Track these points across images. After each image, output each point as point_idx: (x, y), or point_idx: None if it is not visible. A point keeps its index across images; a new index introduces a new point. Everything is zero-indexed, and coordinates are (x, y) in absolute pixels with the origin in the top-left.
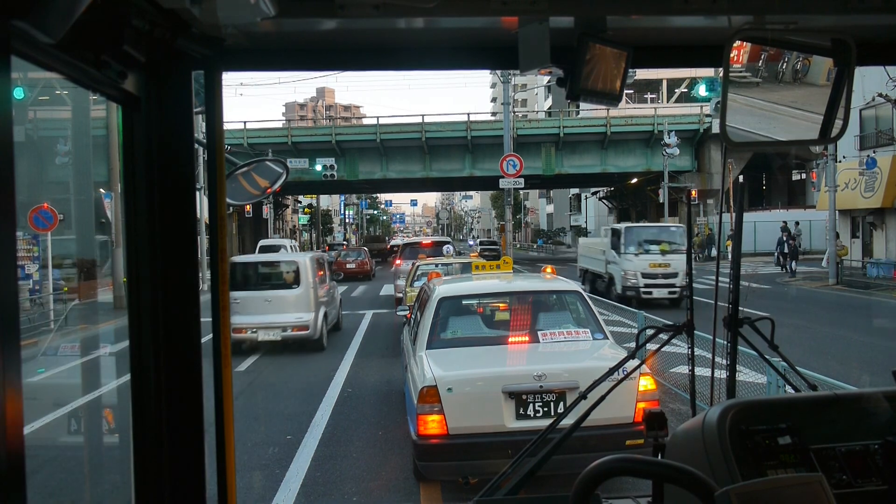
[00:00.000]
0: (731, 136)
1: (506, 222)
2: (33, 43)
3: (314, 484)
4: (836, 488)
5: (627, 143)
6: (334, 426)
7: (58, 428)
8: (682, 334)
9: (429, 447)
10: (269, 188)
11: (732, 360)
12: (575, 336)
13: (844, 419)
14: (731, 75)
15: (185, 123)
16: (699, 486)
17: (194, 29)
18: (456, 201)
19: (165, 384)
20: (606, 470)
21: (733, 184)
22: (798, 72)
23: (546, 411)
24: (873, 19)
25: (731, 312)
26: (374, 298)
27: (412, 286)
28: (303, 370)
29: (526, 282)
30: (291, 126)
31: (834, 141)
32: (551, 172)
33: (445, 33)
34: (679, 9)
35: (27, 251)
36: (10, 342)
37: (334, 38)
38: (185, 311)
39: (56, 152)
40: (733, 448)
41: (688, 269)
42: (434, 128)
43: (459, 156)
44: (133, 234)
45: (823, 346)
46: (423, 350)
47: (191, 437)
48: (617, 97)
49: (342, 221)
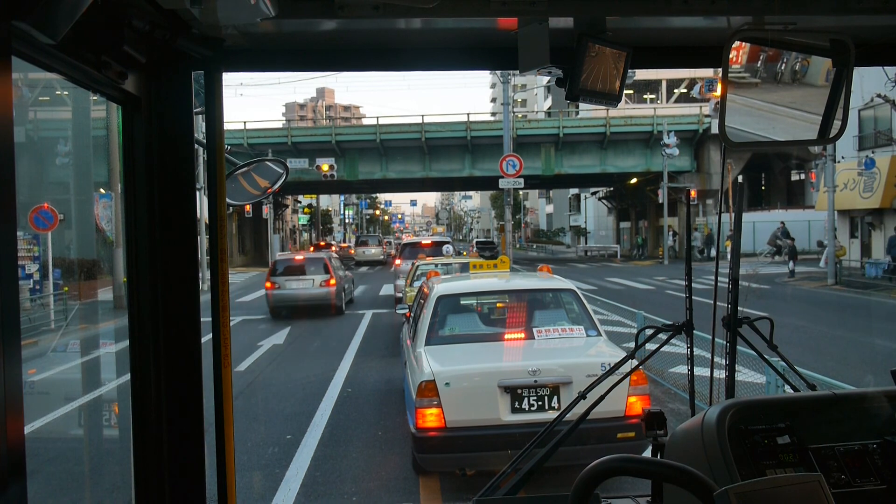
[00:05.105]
0: (731, 137)
1: (505, 222)
2: (34, 44)
3: (314, 484)
4: (834, 488)
5: (627, 144)
6: (334, 426)
7: (58, 427)
8: (682, 334)
9: (427, 440)
10: (269, 188)
11: (731, 359)
12: (569, 333)
13: (843, 419)
14: (731, 76)
15: (185, 123)
16: (698, 485)
17: (194, 29)
18: (456, 201)
19: (165, 384)
20: (606, 469)
21: (732, 184)
22: (797, 72)
23: (540, 405)
24: (872, 20)
25: (731, 312)
26: (374, 298)
27: (412, 286)
28: (302, 370)
29: (522, 280)
30: (291, 126)
31: (833, 141)
32: (551, 172)
33: (445, 34)
34: (678, 9)
35: (27, 251)
36: (11, 342)
37: (334, 38)
38: (185, 311)
39: (56, 153)
40: (732, 448)
41: (686, 269)
42: (434, 128)
43: (459, 156)
44: (133, 234)
45: (822, 346)
46: (421, 346)
47: (191, 437)
48: (616, 97)
49: (342, 221)
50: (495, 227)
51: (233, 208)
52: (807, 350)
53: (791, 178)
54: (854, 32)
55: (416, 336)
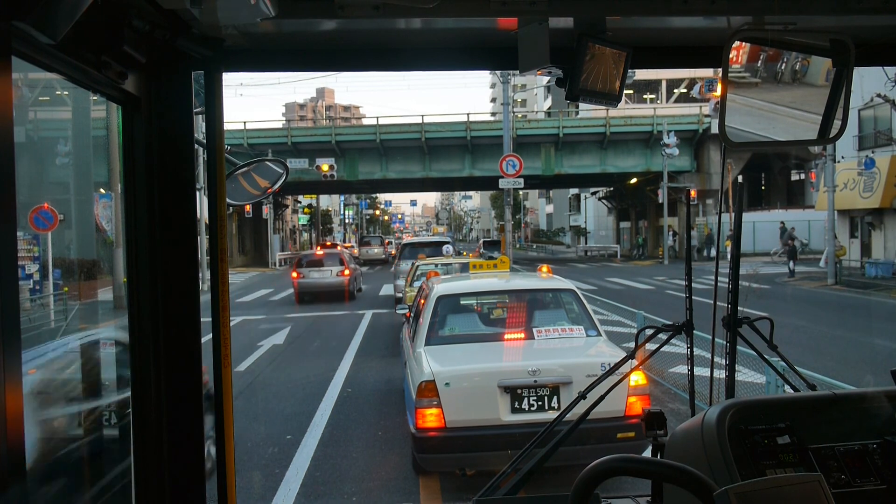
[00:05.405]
0: (730, 137)
1: (505, 222)
2: (34, 44)
3: (314, 484)
4: (834, 488)
5: (627, 144)
6: (334, 426)
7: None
8: (682, 334)
9: (427, 440)
10: (270, 188)
11: (731, 359)
12: (569, 333)
13: (843, 419)
14: (731, 76)
15: (185, 124)
16: (698, 485)
17: (194, 30)
18: (455, 201)
19: (165, 384)
20: (606, 469)
21: (732, 184)
22: (797, 72)
23: (540, 405)
24: (872, 20)
25: (731, 312)
26: (373, 298)
27: (411, 286)
28: (302, 370)
29: (522, 280)
30: (291, 126)
31: (833, 141)
32: (551, 172)
33: (445, 34)
34: (678, 9)
35: (27, 251)
36: (11, 342)
37: (334, 38)
38: (185, 311)
39: (56, 153)
40: (732, 448)
41: (686, 269)
42: (434, 128)
43: (459, 156)
44: (133, 234)
45: (822, 346)
46: (421, 346)
47: (191, 437)
48: (616, 97)
49: (342, 221)
50: (495, 227)
51: (233, 208)
52: (807, 350)
53: (791, 178)
54: (854, 32)
55: (415, 336)
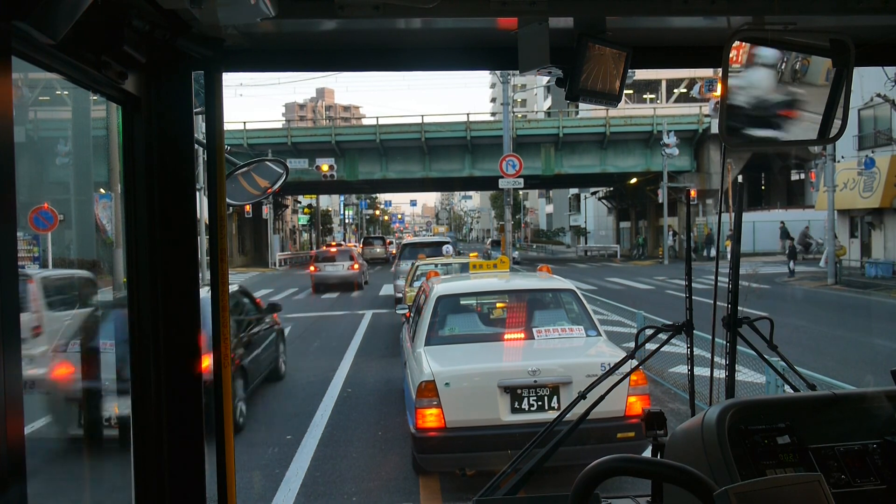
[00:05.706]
0: (731, 136)
1: (505, 222)
2: (34, 44)
3: (314, 484)
4: (834, 488)
5: (627, 144)
6: (334, 426)
7: (58, 427)
8: (682, 334)
9: (427, 440)
10: (269, 188)
11: (731, 359)
12: (569, 333)
13: (843, 419)
14: (731, 76)
15: (185, 124)
16: (698, 485)
17: (194, 29)
18: (456, 201)
19: (165, 384)
20: (606, 469)
21: (732, 184)
22: (797, 72)
23: (540, 405)
24: (872, 20)
25: (731, 312)
26: (373, 298)
27: (411, 286)
28: (302, 370)
29: (522, 280)
30: (291, 126)
31: (833, 141)
32: (551, 172)
33: (445, 34)
34: (678, 9)
35: (27, 251)
36: (11, 342)
37: (334, 38)
38: (185, 311)
39: (56, 153)
40: (732, 447)
41: (686, 269)
42: (434, 128)
43: (459, 156)
44: (133, 234)
45: (822, 346)
46: (421, 346)
47: (191, 437)
48: (616, 97)
49: (342, 222)
50: (495, 226)
51: (233, 208)
52: (807, 350)
53: (791, 178)
54: (854, 32)
55: (415, 336)
